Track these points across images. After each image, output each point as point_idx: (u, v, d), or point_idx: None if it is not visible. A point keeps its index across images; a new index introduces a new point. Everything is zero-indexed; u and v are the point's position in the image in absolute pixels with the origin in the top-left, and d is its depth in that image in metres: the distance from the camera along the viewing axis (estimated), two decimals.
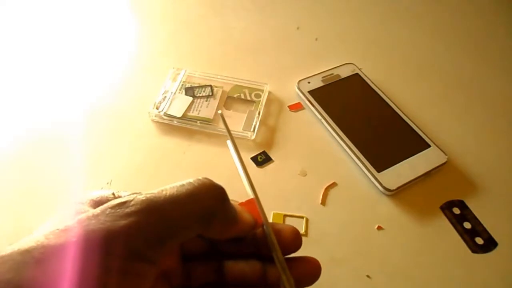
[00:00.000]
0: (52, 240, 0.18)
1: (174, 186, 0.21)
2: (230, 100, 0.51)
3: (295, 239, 0.25)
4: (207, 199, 0.21)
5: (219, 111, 0.28)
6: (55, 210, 0.22)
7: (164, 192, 0.21)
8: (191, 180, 0.22)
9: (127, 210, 0.19)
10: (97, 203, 0.22)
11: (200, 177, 0.22)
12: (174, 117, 0.48)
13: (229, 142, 0.26)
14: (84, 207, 0.22)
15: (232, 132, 0.47)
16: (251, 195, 0.25)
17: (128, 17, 0.64)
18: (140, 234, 0.19)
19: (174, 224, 0.20)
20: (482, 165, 0.46)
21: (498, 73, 0.57)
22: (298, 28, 0.62)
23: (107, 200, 0.23)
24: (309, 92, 0.51)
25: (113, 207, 0.19)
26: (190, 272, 0.24)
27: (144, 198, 0.20)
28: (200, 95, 0.51)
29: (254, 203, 0.25)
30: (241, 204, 0.25)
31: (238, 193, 0.26)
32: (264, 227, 0.24)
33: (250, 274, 0.24)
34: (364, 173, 0.45)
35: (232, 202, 0.24)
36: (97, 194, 0.23)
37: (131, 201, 0.20)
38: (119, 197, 0.24)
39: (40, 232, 0.19)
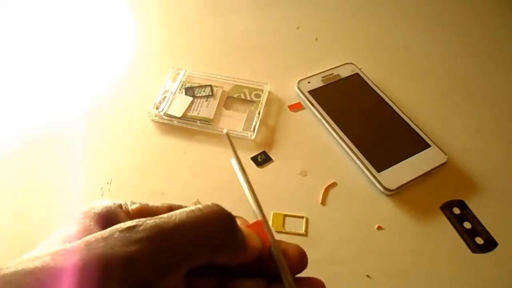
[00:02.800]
0: (58, 261, 0.18)
1: (184, 211, 0.21)
2: (230, 100, 0.51)
3: (301, 260, 0.24)
4: (217, 227, 0.21)
5: (225, 131, 0.27)
6: (61, 222, 0.22)
7: (173, 218, 0.20)
8: (200, 206, 0.21)
9: (136, 235, 0.19)
10: (104, 219, 0.22)
11: (209, 203, 0.22)
12: (174, 117, 0.48)
13: (233, 161, 0.26)
14: (91, 223, 0.22)
15: (232, 132, 0.47)
16: (258, 216, 0.25)
17: (128, 17, 0.64)
18: (148, 261, 0.19)
19: (182, 252, 0.20)
20: (482, 165, 0.46)
21: (498, 73, 0.57)
22: (298, 28, 0.62)
23: (115, 215, 0.23)
24: (309, 92, 0.51)
25: (122, 231, 0.19)
26: (193, 287, 0.24)
27: (153, 224, 0.20)
28: (200, 95, 0.51)
29: (261, 225, 0.24)
30: (249, 226, 0.24)
31: (237, 194, 0.26)
32: (273, 250, 0.24)
33: None
34: (364, 173, 0.45)
35: (239, 221, 0.24)
36: (104, 207, 0.23)
37: (140, 225, 0.19)
38: (127, 211, 0.23)
39: (45, 250, 0.18)
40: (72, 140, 0.47)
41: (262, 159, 0.46)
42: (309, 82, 0.52)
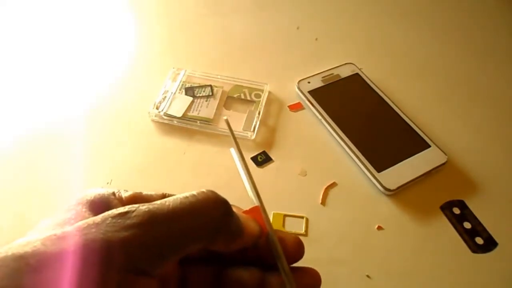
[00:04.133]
0: (49, 247, 0.17)
1: (178, 198, 0.21)
2: (230, 100, 0.51)
3: (298, 249, 0.24)
4: (211, 214, 0.21)
5: (225, 117, 0.27)
6: (54, 210, 0.22)
7: (167, 204, 0.20)
8: (194, 192, 0.21)
9: (128, 221, 0.19)
10: (97, 205, 0.22)
11: (204, 190, 0.22)
12: (174, 117, 0.48)
13: (232, 150, 0.26)
14: (83, 209, 0.21)
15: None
16: (255, 202, 0.24)
17: (128, 17, 0.64)
18: (140, 248, 0.18)
19: (176, 239, 0.19)
20: (482, 165, 0.46)
21: (499, 73, 0.57)
22: (298, 28, 0.62)
23: (108, 202, 0.22)
24: (309, 92, 0.51)
25: (114, 217, 0.19)
26: (187, 276, 0.24)
27: (146, 210, 0.19)
28: (200, 95, 0.51)
29: (259, 211, 0.24)
30: (245, 212, 0.24)
31: (238, 194, 0.26)
32: (269, 237, 0.23)
33: (250, 282, 0.23)
34: (364, 173, 0.45)
35: (235, 209, 0.23)
36: (97, 194, 0.23)
37: (133, 211, 0.19)
38: (120, 198, 0.23)
39: (36, 235, 0.18)
40: (72, 140, 0.47)
41: (262, 159, 0.46)
42: (309, 82, 0.52)
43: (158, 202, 0.20)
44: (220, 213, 0.21)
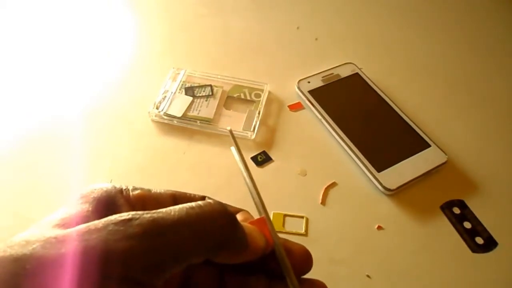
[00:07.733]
0: (47, 250, 0.17)
1: (183, 207, 0.20)
2: (230, 100, 0.51)
3: (307, 261, 0.24)
4: (216, 227, 0.20)
5: (228, 128, 0.27)
6: (54, 210, 0.22)
7: (172, 214, 0.19)
8: (201, 203, 0.21)
9: (131, 230, 0.18)
10: (102, 204, 0.21)
11: (211, 201, 0.21)
12: (174, 117, 0.48)
13: (233, 149, 0.26)
14: (89, 208, 0.21)
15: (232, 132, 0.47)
16: (261, 213, 0.24)
17: (128, 17, 0.64)
18: (140, 260, 0.18)
19: (178, 251, 0.19)
20: (482, 165, 0.46)
21: (499, 72, 0.57)
22: (298, 28, 0.62)
23: (114, 201, 0.22)
24: (309, 92, 0.51)
25: (116, 223, 0.18)
26: (190, 276, 0.23)
27: (150, 219, 0.18)
28: (200, 95, 0.51)
29: (265, 222, 0.23)
30: (252, 222, 0.23)
31: (237, 194, 0.26)
32: (276, 250, 0.23)
33: None
34: (364, 173, 0.45)
35: (243, 215, 0.23)
36: (103, 192, 0.22)
37: (136, 219, 0.18)
38: (128, 196, 0.23)
39: (37, 234, 0.18)
40: (72, 140, 0.47)
41: (262, 159, 0.46)
42: (309, 82, 0.52)
43: (164, 210, 0.19)
44: (225, 227, 0.21)
